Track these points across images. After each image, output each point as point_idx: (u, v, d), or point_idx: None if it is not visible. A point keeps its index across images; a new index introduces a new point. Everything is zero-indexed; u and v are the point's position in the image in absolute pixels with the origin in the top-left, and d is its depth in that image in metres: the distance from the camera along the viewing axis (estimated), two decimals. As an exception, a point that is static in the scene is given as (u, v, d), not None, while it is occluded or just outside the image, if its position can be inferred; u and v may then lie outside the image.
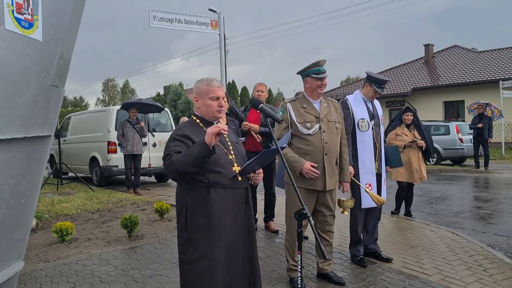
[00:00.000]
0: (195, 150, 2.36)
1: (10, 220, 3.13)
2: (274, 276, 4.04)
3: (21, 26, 2.89)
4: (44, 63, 3.13)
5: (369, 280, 3.91)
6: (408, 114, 6.58)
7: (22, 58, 2.91)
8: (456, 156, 15.45)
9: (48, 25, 3.05)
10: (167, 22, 9.24)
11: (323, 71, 3.71)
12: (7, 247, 3.18)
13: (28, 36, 2.95)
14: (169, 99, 33.38)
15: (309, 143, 3.68)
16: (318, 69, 3.70)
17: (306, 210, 2.32)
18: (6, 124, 2.83)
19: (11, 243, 3.23)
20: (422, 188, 10.19)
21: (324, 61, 3.76)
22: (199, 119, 2.68)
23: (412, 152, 6.49)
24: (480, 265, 4.26)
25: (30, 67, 3.00)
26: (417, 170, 6.48)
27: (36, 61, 3.04)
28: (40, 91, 3.13)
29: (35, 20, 3.01)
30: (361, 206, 4.27)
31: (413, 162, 6.46)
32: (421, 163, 6.57)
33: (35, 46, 2.99)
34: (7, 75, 2.77)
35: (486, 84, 22.03)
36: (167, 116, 12.04)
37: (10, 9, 2.83)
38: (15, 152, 3.00)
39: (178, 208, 2.59)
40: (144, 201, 8.30)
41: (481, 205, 7.82)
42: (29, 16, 2.96)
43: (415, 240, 5.14)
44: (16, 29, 2.84)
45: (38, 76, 3.08)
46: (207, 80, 2.69)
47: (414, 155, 6.49)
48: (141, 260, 4.58)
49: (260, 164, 2.56)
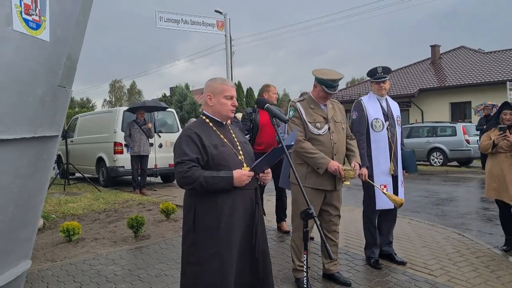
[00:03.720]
0: (221, 184, 2.43)
1: (18, 219, 3.15)
2: (280, 276, 4.04)
3: (29, 27, 2.91)
4: (51, 63, 3.14)
5: (376, 281, 3.90)
6: (507, 112, 4.80)
7: (29, 58, 2.93)
8: (462, 157, 15.36)
9: (56, 26, 3.07)
10: (173, 23, 9.28)
11: (334, 86, 3.68)
12: (14, 247, 3.20)
13: (36, 37, 2.97)
14: (175, 100, 33.52)
15: (320, 143, 3.69)
16: (331, 84, 3.66)
17: (312, 210, 2.32)
18: (14, 124, 2.85)
19: (19, 243, 3.25)
20: (429, 189, 10.17)
21: (341, 79, 3.73)
22: (209, 119, 2.68)
23: (506, 161, 4.77)
24: (487, 266, 4.23)
25: (38, 67, 3.01)
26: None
27: (44, 62, 3.06)
28: (48, 91, 3.15)
29: (43, 21, 3.03)
30: (376, 207, 4.23)
31: (506, 175, 4.73)
32: None
33: (42, 47, 3.00)
34: (15, 75, 2.79)
35: (493, 85, 21.89)
36: (173, 116, 12.08)
37: (18, 10, 2.85)
38: (22, 152, 3.02)
39: (186, 209, 2.59)
40: (150, 201, 8.33)
41: (488, 207, 7.77)
42: (37, 17, 2.98)
43: (421, 241, 5.11)
44: (24, 30, 2.86)
45: (46, 76, 3.10)
46: (221, 79, 2.71)
47: (509, 164, 4.75)
48: (147, 260, 4.59)
49: (268, 163, 2.57)
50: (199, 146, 2.48)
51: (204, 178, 2.40)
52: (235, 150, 2.60)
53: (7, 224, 3.02)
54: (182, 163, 2.44)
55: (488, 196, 4.99)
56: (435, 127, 16.26)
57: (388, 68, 4.34)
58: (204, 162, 2.48)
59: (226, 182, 2.43)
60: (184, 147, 2.48)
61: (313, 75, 3.78)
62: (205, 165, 2.49)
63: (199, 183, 2.40)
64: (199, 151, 2.47)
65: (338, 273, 3.91)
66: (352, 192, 9.43)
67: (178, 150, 2.51)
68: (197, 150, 2.47)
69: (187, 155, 2.45)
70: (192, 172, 2.41)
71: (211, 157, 2.49)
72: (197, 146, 2.48)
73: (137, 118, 9.96)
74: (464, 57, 27.25)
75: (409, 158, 4.46)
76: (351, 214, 6.60)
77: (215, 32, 10.07)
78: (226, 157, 2.52)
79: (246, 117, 5.82)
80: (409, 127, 16.87)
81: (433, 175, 13.53)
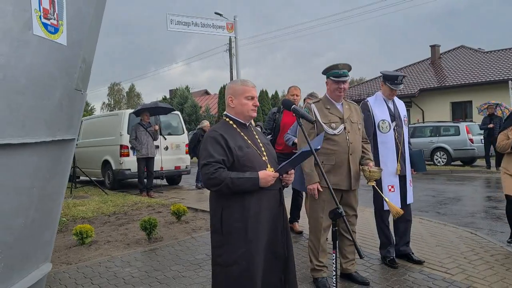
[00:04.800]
0: (247, 185, 2.46)
1: (38, 222, 3.16)
2: (298, 276, 4.01)
3: (48, 31, 2.93)
4: (68, 67, 3.16)
5: (393, 280, 3.91)
6: None
7: (48, 62, 2.94)
8: (466, 156, 15.39)
9: (71, 29, 3.09)
10: (184, 25, 9.31)
11: (343, 74, 3.73)
12: (36, 249, 3.21)
13: (54, 40, 2.98)
14: (176, 102, 33.53)
15: (335, 143, 3.71)
16: (337, 72, 3.74)
17: (341, 209, 2.35)
18: (34, 128, 2.86)
19: (40, 245, 3.27)
20: (435, 189, 10.18)
21: (345, 65, 3.78)
22: (232, 120, 2.70)
23: None
24: (502, 264, 4.25)
25: (56, 71, 3.03)
26: None
27: (61, 65, 3.08)
28: (65, 95, 3.17)
29: (60, 25, 3.05)
30: (384, 208, 4.24)
31: None
32: None
33: (60, 51, 3.02)
34: (34, 79, 2.81)
35: (494, 84, 21.94)
36: (178, 119, 12.10)
37: (38, 14, 2.86)
38: (42, 156, 3.03)
39: (212, 211, 2.62)
40: (159, 203, 8.34)
41: (496, 205, 7.79)
42: (55, 21, 3.00)
43: (435, 241, 5.13)
44: (43, 34, 2.88)
45: (63, 80, 3.12)
46: (241, 81, 2.75)
47: None
48: (162, 262, 4.60)
49: (293, 165, 2.59)
50: (224, 147, 2.50)
51: (230, 180, 2.43)
52: (259, 152, 2.63)
53: (28, 227, 3.03)
54: (208, 165, 2.46)
55: (505, 191, 4.81)
56: (438, 126, 16.29)
57: (405, 76, 4.43)
58: (229, 163, 2.51)
59: (252, 183, 2.46)
60: (210, 148, 2.51)
61: (322, 73, 3.87)
62: (230, 167, 2.51)
63: (226, 184, 2.42)
64: (225, 152, 2.50)
65: (356, 273, 3.92)
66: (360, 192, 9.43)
67: (204, 152, 2.54)
68: (222, 151, 2.50)
69: (213, 157, 2.47)
70: (219, 174, 2.43)
71: (236, 158, 2.51)
72: (222, 148, 2.50)
73: (142, 120, 9.97)
74: (464, 57, 27.31)
75: (418, 157, 4.50)
76: (362, 214, 6.61)
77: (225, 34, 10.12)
78: (251, 158, 2.54)
79: (270, 116, 5.85)
80: (412, 127, 16.91)
81: (438, 174, 13.55)
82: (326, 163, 3.73)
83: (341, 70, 3.73)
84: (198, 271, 4.25)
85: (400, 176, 4.32)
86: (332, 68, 3.78)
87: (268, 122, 5.88)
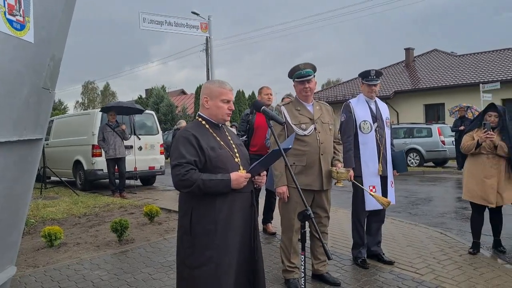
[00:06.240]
0: (219, 186, 2.43)
1: (4, 223, 3.07)
2: (269, 277, 4.04)
3: (13, 27, 2.85)
4: (35, 65, 3.09)
5: (364, 280, 3.95)
6: (492, 114, 4.76)
7: (14, 60, 2.87)
8: (438, 158, 15.70)
9: (39, 27, 3.01)
10: (157, 24, 9.19)
11: (305, 74, 3.76)
12: (2, 251, 3.12)
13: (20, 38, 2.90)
14: (152, 102, 33.19)
15: (306, 143, 3.73)
16: (300, 73, 3.79)
17: (310, 211, 2.34)
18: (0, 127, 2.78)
19: (5, 247, 3.17)
20: (408, 189, 10.36)
21: (307, 64, 3.82)
22: (205, 121, 2.66)
23: (487, 162, 4.67)
24: (470, 264, 4.34)
25: (23, 69, 2.95)
26: (492, 188, 4.65)
27: (28, 63, 3.00)
28: (32, 93, 3.09)
29: (27, 22, 2.97)
30: (365, 208, 4.28)
31: (486, 177, 4.65)
32: (502, 180, 4.64)
33: (27, 48, 2.95)
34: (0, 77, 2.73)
35: (466, 87, 22.45)
36: (152, 119, 11.95)
37: (2, 10, 2.78)
38: (8, 155, 2.95)
39: (181, 212, 2.58)
40: (132, 204, 8.21)
41: (466, 206, 7.94)
42: (21, 18, 2.92)
43: (406, 241, 5.20)
44: (8, 31, 2.80)
45: (30, 78, 3.04)
46: (219, 82, 2.70)
47: (489, 166, 4.66)
48: (133, 264, 4.53)
49: (265, 165, 2.58)
50: (196, 148, 2.47)
51: (202, 181, 2.39)
52: (232, 153, 2.60)
53: (-6, 228, 2.95)
54: (179, 166, 2.42)
55: (466, 198, 4.88)
56: (411, 128, 16.59)
57: (380, 72, 4.45)
58: (201, 164, 2.48)
59: (224, 184, 2.43)
60: (181, 149, 2.46)
61: (288, 77, 3.92)
62: (202, 168, 2.48)
63: (197, 186, 2.39)
64: (197, 153, 2.46)
65: (327, 274, 3.94)
66: (334, 193, 9.51)
67: (175, 152, 2.49)
68: (194, 152, 2.46)
69: (184, 158, 2.43)
70: (190, 175, 2.39)
71: (208, 159, 2.48)
72: (194, 148, 2.46)
73: (108, 121, 9.81)
74: (437, 60, 27.88)
75: (398, 157, 4.54)
76: (335, 214, 6.66)
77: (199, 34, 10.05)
78: (223, 159, 2.52)
79: (243, 118, 5.84)
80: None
81: (411, 175, 13.78)
82: (297, 164, 3.74)
83: (304, 70, 3.77)
84: (169, 273, 4.20)
85: (381, 177, 4.37)
86: (295, 70, 3.81)
87: (241, 123, 5.86)
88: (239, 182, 2.47)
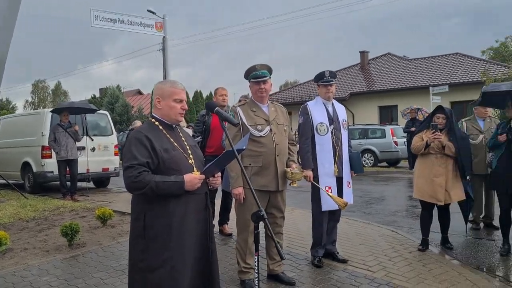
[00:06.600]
0: (172, 188, 2.39)
1: None
2: (225, 279, 4.02)
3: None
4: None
5: (318, 279, 4.00)
6: (439, 116, 4.95)
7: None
8: (391, 158, 16.21)
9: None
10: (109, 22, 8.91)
11: (261, 75, 3.78)
12: None
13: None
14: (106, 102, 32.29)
15: (262, 145, 3.73)
16: (256, 74, 3.80)
17: (263, 212, 2.34)
18: None
19: None
20: (362, 189, 10.60)
21: (263, 65, 3.85)
22: (158, 122, 2.62)
23: (436, 162, 4.88)
24: (419, 260, 4.49)
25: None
26: (441, 187, 4.83)
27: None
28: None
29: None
30: (322, 209, 4.32)
31: (435, 176, 4.85)
32: (450, 179, 4.84)
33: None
34: None
35: (417, 89, 23.26)
36: (106, 119, 11.61)
37: None
38: None
39: (134, 214, 2.52)
40: (84, 207, 7.95)
41: (416, 204, 8.20)
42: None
43: (359, 239, 5.32)
44: None
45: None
46: (171, 82, 2.68)
47: (438, 165, 4.87)
48: (84, 269, 4.38)
49: (219, 167, 2.56)
50: (149, 149, 2.42)
51: (155, 183, 2.35)
52: (186, 154, 2.57)
53: None
54: (132, 168, 2.37)
55: (417, 196, 5.07)
56: (366, 129, 17.04)
57: (334, 72, 4.51)
58: (154, 166, 2.43)
59: (177, 186, 2.40)
60: (134, 150, 2.41)
61: (244, 78, 3.92)
62: (155, 169, 2.44)
63: (150, 188, 2.35)
64: (150, 154, 2.42)
65: (282, 273, 3.97)
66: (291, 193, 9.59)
67: (127, 154, 2.43)
68: (147, 154, 2.41)
69: (137, 159, 2.38)
70: (143, 177, 2.35)
71: (162, 161, 2.44)
72: (147, 150, 2.42)
73: (61, 121, 9.46)
74: (391, 63, 28.76)
75: (354, 159, 4.64)
76: (291, 214, 6.73)
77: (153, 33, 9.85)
78: (177, 161, 2.49)
79: (199, 119, 5.77)
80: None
81: (366, 175, 14.11)
82: (253, 165, 3.74)
83: (260, 71, 3.78)
84: (122, 278, 4.08)
85: (337, 178, 4.43)
86: (251, 71, 3.83)
87: (197, 125, 5.81)
88: (193, 183, 2.45)
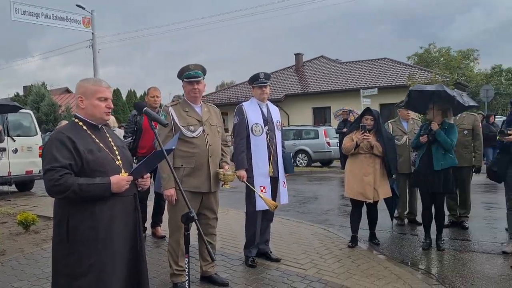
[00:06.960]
0: (98, 191, 2.28)
1: None
2: (157, 283, 3.93)
3: None
4: None
5: (252, 279, 4.02)
6: (368, 117, 5.18)
7: None
8: (324, 158, 16.72)
9: None
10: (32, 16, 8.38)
11: (195, 75, 3.74)
12: None
13: None
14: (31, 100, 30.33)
15: (194, 145, 3.69)
16: (190, 73, 3.75)
17: (193, 213, 2.30)
18: None
19: None
20: (296, 189, 10.81)
21: (196, 65, 3.80)
22: (82, 122, 2.49)
23: (365, 161, 5.09)
24: (348, 257, 4.66)
25: None
26: (370, 185, 5.04)
27: None
28: None
29: None
30: (256, 208, 4.33)
31: (365, 175, 5.05)
32: (378, 177, 5.08)
33: None
34: None
35: (349, 92, 24.14)
36: (30, 118, 10.92)
37: None
38: None
39: (56, 219, 2.39)
40: (4, 213, 7.42)
41: (347, 203, 8.45)
42: None
43: (292, 238, 5.41)
44: None
45: None
46: (94, 80, 2.56)
47: (366, 165, 5.08)
48: (3, 278, 4.09)
49: (148, 168, 2.48)
50: (72, 151, 2.29)
51: (78, 186, 2.23)
52: (113, 155, 2.47)
53: None
54: (52, 170, 2.23)
55: (348, 195, 5.25)
56: (300, 130, 17.45)
57: (269, 74, 4.56)
58: (77, 168, 2.31)
59: (103, 188, 2.30)
60: (54, 152, 2.27)
61: (177, 77, 3.86)
62: (79, 172, 2.31)
63: (73, 191, 2.23)
64: (72, 156, 2.29)
65: (215, 275, 3.94)
66: (225, 194, 9.58)
67: (48, 156, 2.29)
68: (69, 155, 2.28)
69: (58, 161, 2.25)
70: (65, 180, 2.22)
71: (86, 162, 2.32)
72: (69, 151, 2.29)
73: None
74: (324, 66, 29.65)
75: (286, 159, 4.71)
76: (225, 215, 6.71)
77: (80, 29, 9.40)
78: (103, 162, 2.38)
79: (130, 119, 5.60)
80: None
81: (300, 175, 14.44)
82: (186, 166, 3.69)
83: (193, 71, 3.74)
84: (45, 286, 3.85)
85: (272, 178, 4.47)
86: (184, 70, 3.77)
87: (129, 125, 5.63)
88: (120, 185, 2.35)
